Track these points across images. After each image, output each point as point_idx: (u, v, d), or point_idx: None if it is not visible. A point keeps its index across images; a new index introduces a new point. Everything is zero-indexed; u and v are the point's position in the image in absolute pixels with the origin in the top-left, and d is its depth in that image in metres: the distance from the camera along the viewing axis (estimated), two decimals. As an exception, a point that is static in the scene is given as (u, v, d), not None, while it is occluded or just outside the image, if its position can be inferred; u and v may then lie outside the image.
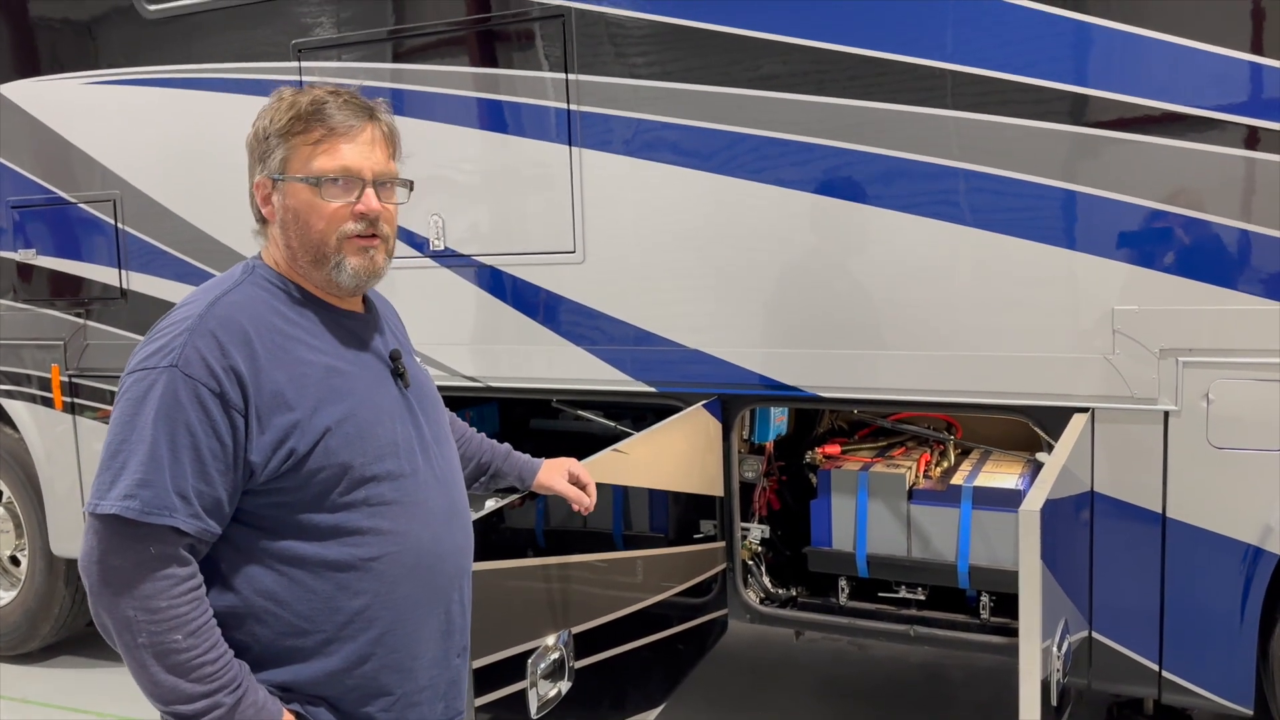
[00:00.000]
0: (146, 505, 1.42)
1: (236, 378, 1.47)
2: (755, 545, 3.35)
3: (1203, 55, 2.52)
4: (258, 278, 1.61)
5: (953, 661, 4.03)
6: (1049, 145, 2.67)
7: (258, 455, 1.48)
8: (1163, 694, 2.77)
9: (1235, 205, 2.55)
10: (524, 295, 3.36)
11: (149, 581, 1.42)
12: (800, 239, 2.98)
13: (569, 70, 3.17)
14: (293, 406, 1.50)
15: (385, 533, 1.56)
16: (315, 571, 1.52)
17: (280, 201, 1.61)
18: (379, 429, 1.58)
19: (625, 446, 2.72)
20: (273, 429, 1.48)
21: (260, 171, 1.62)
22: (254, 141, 1.63)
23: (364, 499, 1.54)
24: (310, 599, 1.52)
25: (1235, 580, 2.63)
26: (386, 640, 1.57)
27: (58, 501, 4.27)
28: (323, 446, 1.51)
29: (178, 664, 1.42)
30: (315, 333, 1.58)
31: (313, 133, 1.59)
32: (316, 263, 1.60)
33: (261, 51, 3.63)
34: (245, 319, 1.52)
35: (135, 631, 1.42)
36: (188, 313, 1.52)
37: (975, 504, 3.07)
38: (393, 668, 1.58)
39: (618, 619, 2.57)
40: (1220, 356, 2.58)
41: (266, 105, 1.65)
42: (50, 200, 4.15)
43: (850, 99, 2.85)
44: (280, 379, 1.50)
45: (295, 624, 1.52)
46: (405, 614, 1.58)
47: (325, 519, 1.52)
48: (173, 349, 1.47)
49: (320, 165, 1.58)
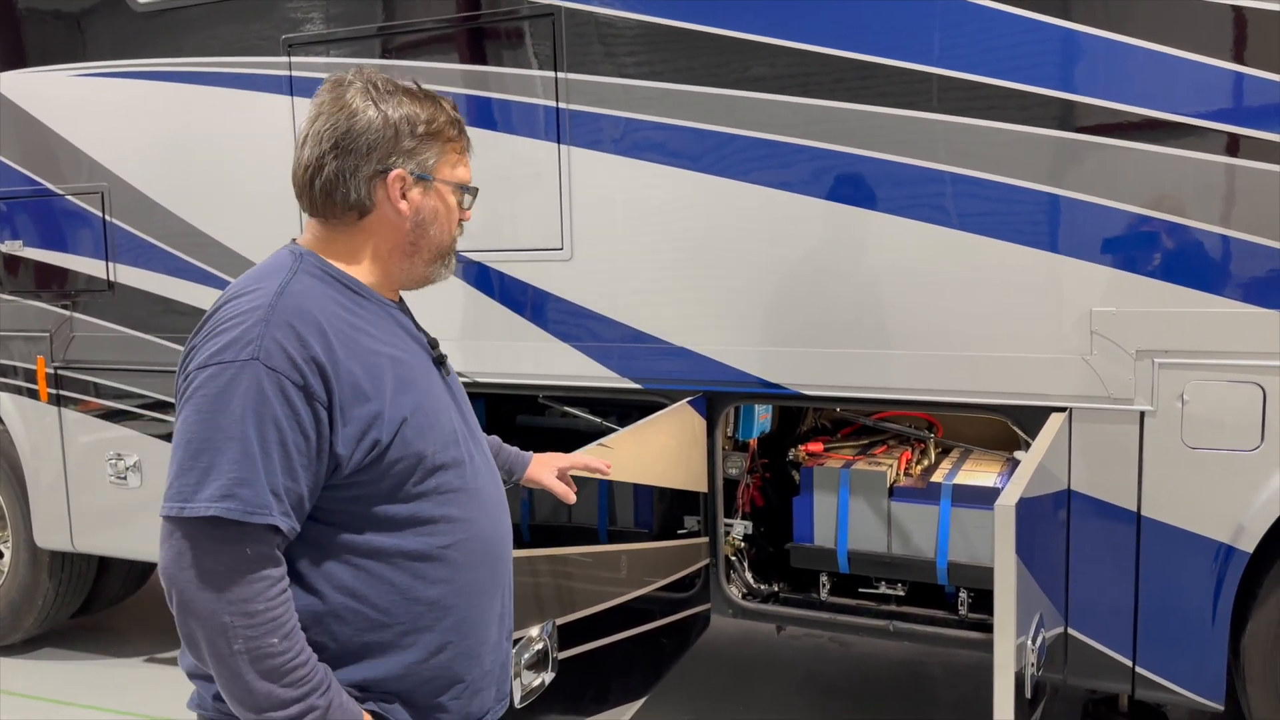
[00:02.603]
0: (248, 505, 1.37)
1: (318, 369, 1.42)
2: (738, 541, 3.38)
3: (1184, 63, 2.57)
4: (310, 267, 1.55)
5: (932, 658, 4.08)
6: (1032, 149, 2.72)
7: (343, 447, 1.44)
8: (1136, 690, 2.81)
9: (1212, 210, 2.60)
10: (512, 292, 3.38)
11: (247, 584, 1.37)
12: (786, 239, 3.01)
13: (558, 69, 3.20)
14: (370, 397, 1.47)
15: (455, 520, 1.55)
16: (393, 563, 1.50)
17: (422, 200, 1.59)
18: (441, 417, 1.58)
19: (610, 442, 2.75)
20: (355, 420, 1.45)
21: (401, 164, 1.56)
22: (390, 131, 1.55)
23: (434, 487, 1.53)
24: (388, 591, 1.50)
25: (1208, 578, 2.68)
26: (460, 627, 1.56)
27: (42, 494, 4.27)
28: (400, 436, 1.49)
29: (273, 669, 1.38)
30: (374, 323, 1.56)
31: (460, 141, 1.63)
32: (432, 261, 1.64)
33: (251, 46, 3.64)
34: (315, 308, 1.47)
35: (231, 638, 1.37)
36: (254, 302, 1.46)
37: (954, 501, 3.11)
38: (465, 654, 1.58)
39: (602, 612, 2.60)
40: (1195, 358, 2.63)
41: (394, 95, 1.57)
42: (37, 192, 4.15)
43: (837, 101, 2.89)
44: (356, 369, 1.46)
45: (374, 618, 1.49)
46: (475, 599, 1.59)
47: (400, 509, 1.50)
48: (249, 340, 1.41)
49: (463, 175, 1.64)
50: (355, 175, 1.54)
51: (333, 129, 1.54)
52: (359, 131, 1.54)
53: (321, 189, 1.56)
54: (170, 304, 3.91)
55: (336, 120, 1.54)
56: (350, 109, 1.54)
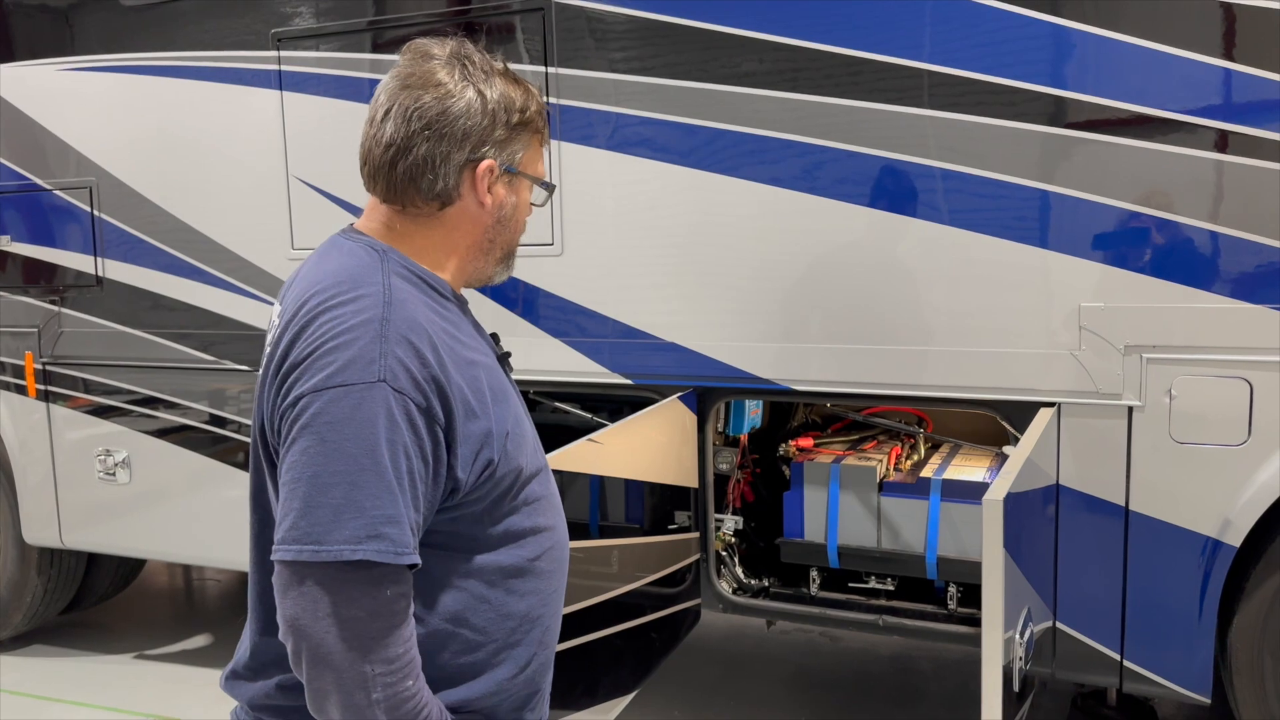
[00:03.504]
0: (398, 545, 1.24)
1: (437, 388, 1.30)
2: (729, 536, 3.39)
3: (1174, 60, 2.58)
4: (396, 265, 1.38)
5: (921, 653, 4.09)
6: (1022, 145, 2.72)
7: (463, 470, 1.32)
8: (1124, 683, 2.83)
9: (1201, 206, 2.61)
10: (502, 287, 3.35)
11: (388, 629, 1.25)
12: (776, 234, 3.01)
13: (548, 64, 3.19)
14: (478, 414, 1.35)
15: (542, 530, 1.47)
16: (490, 580, 1.41)
17: (505, 195, 1.46)
18: (525, 424, 1.48)
19: (601, 437, 2.75)
20: (468, 440, 1.33)
21: (492, 154, 1.42)
22: (489, 118, 1.41)
23: (524, 499, 1.44)
24: (485, 610, 1.40)
25: (1195, 572, 2.69)
26: (544, 638, 1.49)
27: (30, 490, 4.25)
28: (503, 451, 1.38)
29: (407, 713, 1.27)
30: (460, 328, 1.42)
31: (545, 133, 1.51)
32: (501, 260, 1.52)
33: (240, 40, 3.63)
34: (422, 319, 1.33)
35: (371, 688, 1.24)
36: (363, 312, 1.29)
37: (944, 496, 3.12)
38: (545, 664, 1.51)
39: (592, 606, 2.60)
40: (1183, 353, 2.64)
41: (490, 76, 1.42)
42: (25, 186, 4.13)
43: (827, 96, 2.89)
44: (464, 385, 1.34)
45: (471, 639, 1.40)
46: (555, 608, 1.52)
47: (497, 527, 1.41)
48: (370, 359, 1.26)
49: (543, 169, 1.52)
50: (446, 162, 1.39)
51: (425, 107, 1.37)
52: (457, 114, 1.38)
53: (406, 172, 1.39)
54: (159, 299, 3.89)
55: (431, 97, 1.38)
56: (445, 87, 1.38)
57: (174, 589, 5.54)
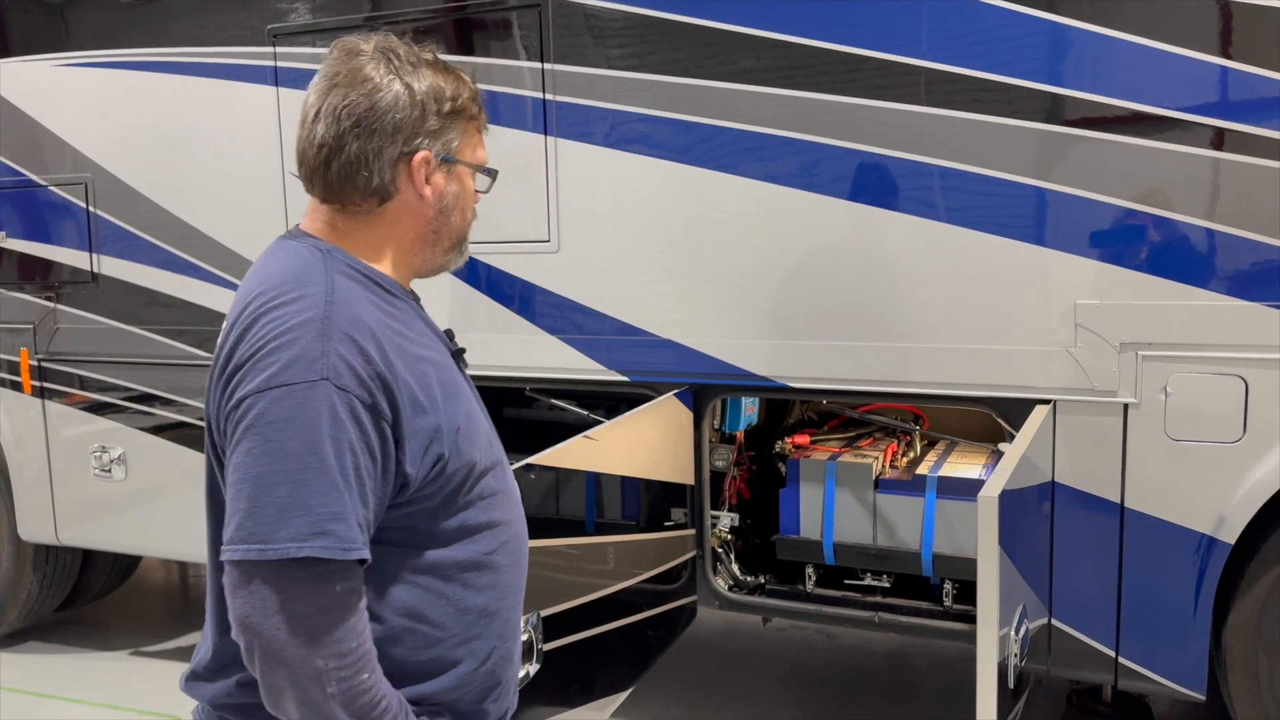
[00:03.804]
0: (344, 541, 1.25)
1: (383, 384, 1.30)
2: (725, 533, 3.39)
3: (1170, 57, 2.58)
4: (340, 265, 1.39)
5: (917, 650, 4.10)
6: (1019, 143, 2.72)
7: (412, 466, 1.33)
8: (1119, 680, 2.83)
9: (1197, 204, 2.61)
10: (498, 284, 3.38)
11: (339, 624, 1.26)
12: (773, 231, 3.01)
13: (545, 60, 3.19)
14: (426, 409, 1.36)
15: (498, 524, 1.48)
16: (445, 576, 1.41)
17: (444, 184, 1.46)
18: (478, 419, 1.48)
19: (597, 434, 2.75)
20: (417, 436, 1.34)
21: (426, 145, 1.42)
22: (417, 110, 1.41)
23: (479, 494, 1.44)
24: (442, 605, 1.41)
25: (1190, 569, 2.70)
26: (503, 630, 1.50)
27: (26, 486, 4.24)
28: (454, 446, 1.39)
29: (363, 705, 1.28)
30: (408, 324, 1.43)
31: (480, 118, 1.51)
32: (450, 249, 1.52)
33: (236, 36, 3.62)
34: (366, 317, 1.34)
35: (325, 682, 1.25)
36: (303, 312, 1.30)
37: (939, 493, 3.13)
38: (506, 657, 1.52)
39: (587, 603, 2.60)
40: (1178, 351, 2.65)
41: (417, 67, 1.43)
42: (20, 182, 4.12)
43: (824, 94, 2.89)
44: (411, 380, 1.34)
45: (429, 634, 1.41)
46: (514, 600, 1.53)
47: (452, 522, 1.41)
48: (312, 358, 1.27)
49: (483, 156, 1.52)
50: (380, 157, 1.39)
51: (353, 105, 1.38)
52: (384, 109, 1.38)
53: (340, 172, 1.40)
54: (154, 296, 3.89)
55: (357, 94, 1.38)
56: (372, 82, 1.39)
57: (169, 586, 5.54)
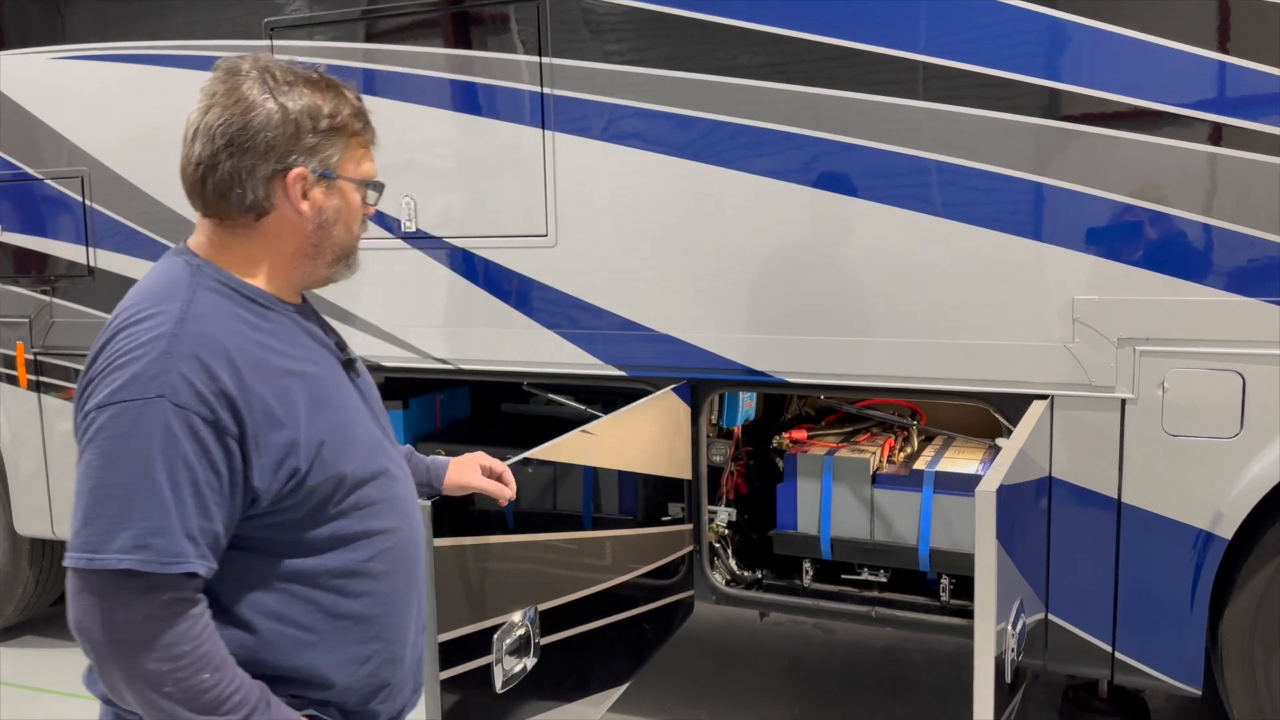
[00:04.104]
0: (163, 555, 1.30)
1: (228, 401, 1.34)
2: (722, 528, 3.39)
3: (1168, 52, 2.57)
4: (209, 280, 1.44)
5: (913, 645, 4.10)
6: (1017, 138, 2.72)
7: (260, 480, 1.38)
8: (1116, 675, 2.84)
9: (1195, 199, 2.61)
10: (496, 278, 3.37)
11: (168, 630, 1.31)
12: (771, 226, 3.01)
13: (543, 54, 3.18)
14: (285, 423, 1.40)
15: (376, 533, 1.52)
16: (316, 583, 1.46)
17: (325, 200, 1.49)
18: (357, 430, 1.53)
19: (594, 428, 2.75)
20: (270, 450, 1.38)
21: (302, 162, 1.46)
22: (290, 127, 1.45)
23: (355, 504, 1.49)
24: (313, 611, 1.46)
25: (1187, 564, 2.70)
26: (384, 635, 1.55)
27: (22, 481, 4.23)
28: (319, 460, 1.43)
29: (209, 702, 1.33)
30: (282, 337, 1.47)
31: (365, 134, 1.54)
32: (334, 262, 1.55)
33: (233, 29, 3.61)
34: (221, 334, 1.38)
35: (160, 684, 1.31)
36: (155, 329, 1.36)
37: (937, 489, 3.12)
38: (390, 659, 1.57)
39: (584, 598, 2.60)
40: (1176, 346, 2.65)
41: (294, 86, 1.47)
42: (16, 176, 4.10)
43: (823, 88, 2.88)
44: (268, 396, 1.39)
45: (302, 638, 1.46)
46: (397, 606, 1.57)
47: (322, 531, 1.46)
48: (152, 375, 1.32)
49: (368, 170, 1.55)
50: (252, 175, 1.44)
51: (227, 124, 1.43)
52: (256, 127, 1.43)
53: (215, 189, 1.44)
54: (151, 290, 3.87)
55: (231, 114, 1.43)
56: (246, 102, 1.44)
57: (167, 580, 5.53)
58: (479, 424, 4.24)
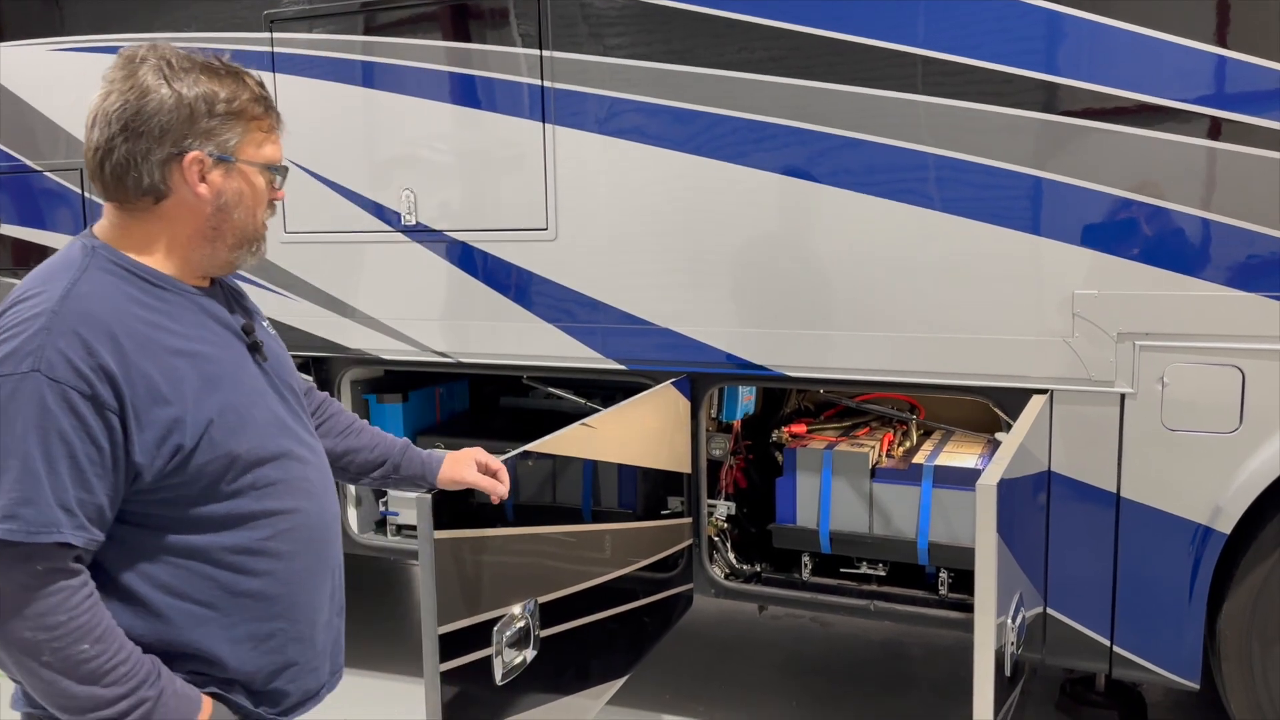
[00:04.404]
0: (31, 525, 1.34)
1: (107, 377, 1.38)
2: (721, 522, 3.39)
3: (1168, 46, 2.57)
4: (103, 261, 1.49)
5: (911, 639, 4.11)
6: (1017, 132, 2.72)
7: (142, 455, 1.41)
8: (1114, 669, 2.84)
9: (1195, 194, 2.61)
10: (496, 272, 3.37)
11: (42, 600, 1.35)
12: (771, 220, 3.01)
13: (544, 47, 3.18)
14: (170, 401, 1.43)
15: (276, 512, 1.55)
16: (213, 559, 1.50)
17: (224, 183, 1.53)
18: (255, 411, 1.55)
19: (594, 421, 2.75)
20: (152, 426, 1.42)
21: (199, 145, 1.50)
22: (185, 111, 1.48)
23: (251, 483, 1.52)
24: (211, 587, 1.50)
25: (1185, 559, 2.71)
26: (288, 614, 1.58)
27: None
28: (207, 439, 1.46)
29: (90, 673, 1.37)
30: (176, 317, 1.50)
31: (266, 119, 1.57)
32: (237, 246, 1.57)
33: (232, 21, 3.60)
34: (105, 312, 1.42)
35: (37, 652, 1.36)
36: (36, 307, 1.40)
37: (936, 483, 3.13)
38: (296, 639, 1.60)
39: (584, 590, 2.60)
40: (1176, 341, 2.65)
41: (190, 72, 1.50)
42: (14, 168, 4.09)
43: (825, 83, 2.88)
44: (153, 373, 1.42)
45: (200, 614, 1.49)
46: (303, 585, 1.60)
47: (217, 508, 1.50)
48: (29, 351, 1.36)
49: (271, 154, 1.58)
50: (147, 159, 1.48)
51: (122, 109, 1.47)
52: (150, 112, 1.47)
53: (112, 173, 1.49)
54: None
55: (126, 100, 1.47)
56: (142, 87, 1.47)
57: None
58: (478, 417, 4.24)
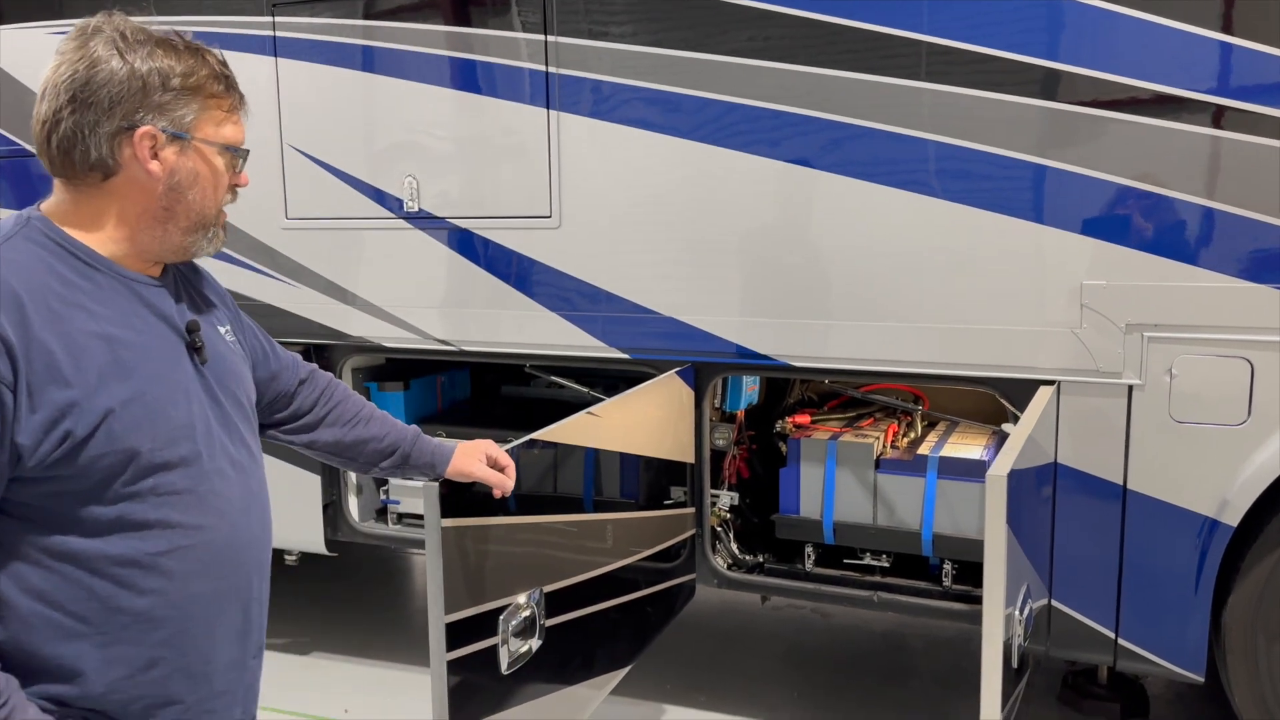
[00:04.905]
0: None
1: (5, 347, 1.29)
2: (724, 512, 3.38)
3: (1175, 34, 2.55)
4: (34, 233, 1.41)
5: (913, 630, 4.10)
6: (1022, 120, 2.70)
7: (26, 437, 1.30)
8: (1119, 661, 2.84)
9: (1204, 184, 2.59)
10: (498, 259, 3.35)
11: None
12: (775, 208, 2.99)
13: (548, 32, 3.15)
14: (70, 383, 1.33)
15: (175, 525, 1.42)
16: (93, 568, 1.37)
17: (178, 161, 1.45)
18: (172, 410, 1.43)
19: (599, 410, 2.73)
20: (45, 407, 1.31)
21: (151, 120, 1.42)
22: (137, 84, 1.41)
23: (151, 488, 1.40)
24: (86, 599, 1.37)
25: (1191, 551, 2.70)
26: (176, 643, 1.43)
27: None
28: (105, 430, 1.35)
29: None
30: (100, 299, 1.41)
31: (227, 98, 1.50)
32: (191, 230, 1.49)
33: (235, 5, 3.57)
34: (16, 280, 1.33)
35: None
36: None
37: (940, 474, 3.12)
38: (184, 673, 1.45)
39: (588, 580, 2.59)
40: (1184, 332, 2.63)
41: (145, 45, 1.43)
42: (13, 152, 4.06)
43: (826, 69, 2.86)
44: (56, 349, 1.32)
45: (70, 627, 1.36)
46: (197, 613, 1.45)
47: (106, 511, 1.37)
48: None
49: (231, 135, 1.51)
50: (95, 132, 1.40)
51: (71, 80, 1.40)
52: (100, 83, 1.39)
53: (59, 147, 1.42)
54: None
55: (76, 70, 1.40)
56: (92, 58, 1.40)
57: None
58: (480, 406, 4.22)
